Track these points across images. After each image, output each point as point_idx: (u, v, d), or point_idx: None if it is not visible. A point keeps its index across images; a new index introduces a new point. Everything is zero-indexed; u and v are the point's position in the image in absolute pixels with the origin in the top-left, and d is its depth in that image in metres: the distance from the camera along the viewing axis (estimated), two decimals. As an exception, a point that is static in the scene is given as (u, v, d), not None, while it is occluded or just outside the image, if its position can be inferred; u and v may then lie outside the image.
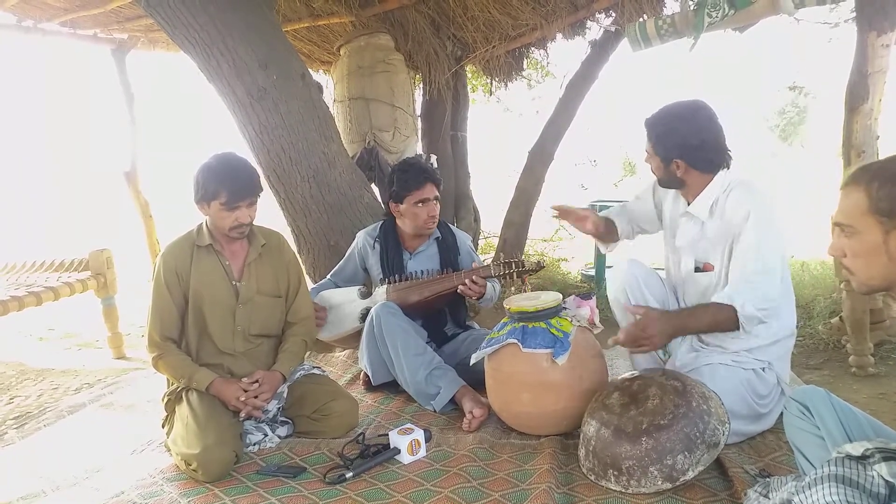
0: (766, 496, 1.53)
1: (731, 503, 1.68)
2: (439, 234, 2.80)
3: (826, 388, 1.50)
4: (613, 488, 1.76)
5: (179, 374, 2.18)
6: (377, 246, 2.81)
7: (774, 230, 1.96)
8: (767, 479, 1.60)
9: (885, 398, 2.60)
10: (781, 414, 1.67)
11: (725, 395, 1.89)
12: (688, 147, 2.01)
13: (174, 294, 2.23)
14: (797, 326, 2.18)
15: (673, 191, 2.23)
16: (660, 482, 1.70)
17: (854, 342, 2.89)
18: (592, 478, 1.83)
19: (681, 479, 1.69)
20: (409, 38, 4.60)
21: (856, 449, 1.25)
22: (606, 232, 2.42)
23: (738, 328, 1.90)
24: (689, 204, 2.13)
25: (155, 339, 2.21)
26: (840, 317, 3.13)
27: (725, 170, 2.06)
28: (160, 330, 2.21)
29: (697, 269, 2.15)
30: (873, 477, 1.21)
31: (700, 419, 1.73)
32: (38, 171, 13.05)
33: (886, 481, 1.19)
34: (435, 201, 2.69)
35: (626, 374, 1.98)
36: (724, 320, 1.90)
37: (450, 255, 2.77)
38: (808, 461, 1.47)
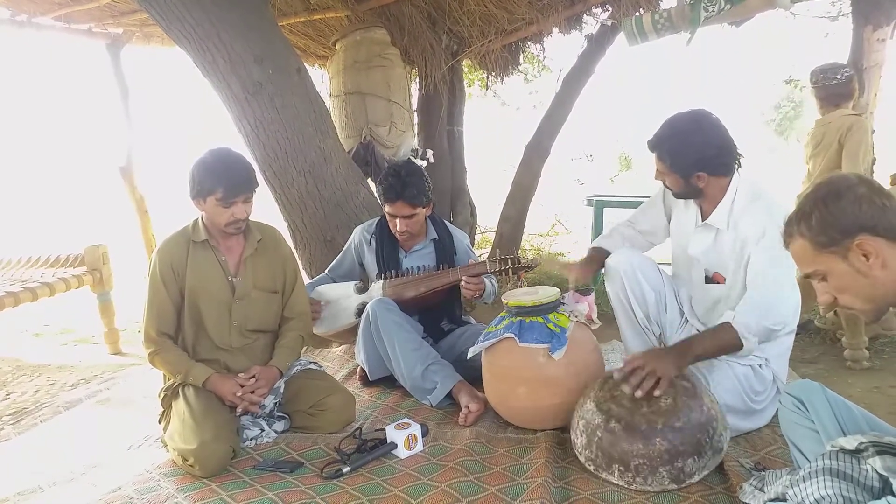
0: (761, 490, 1.54)
1: (726, 497, 1.69)
2: (436, 235, 2.78)
3: (821, 382, 1.51)
4: (615, 482, 1.76)
5: (176, 370, 2.18)
6: (373, 242, 2.81)
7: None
8: (762, 473, 1.61)
9: (880, 392, 2.61)
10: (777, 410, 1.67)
11: (720, 388, 1.89)
12: (706, 158, 2.00)
13: (170, 290, 2.22)
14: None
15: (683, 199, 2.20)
16: (667, 482, 1.70)
17: (849, 336, 2.90)
18: (592, 468, 1.81)
19: (687, 482, 1.70)
20: (405, 33, 4.58)
21: (850, 443, 1.26)
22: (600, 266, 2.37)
23: (742, 348, 1.89)
24: (702, 210, 2.13)
25: (151, 334, 2.20)
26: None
27: (738, 169, 2.06)
28: (156, 326, 2.21)
29: (708, 280, 2.14)
30: (867, 470, 1.22)
31: (710, 424, 1.73)
32: (33, 166, 12.99)
33: (880, 475, 1.20)
34: (406, 218, 2.61)
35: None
36: (729, 342, 1.88)
37: (446, 257, 2.75)
38: (803, 455, 1.48)
